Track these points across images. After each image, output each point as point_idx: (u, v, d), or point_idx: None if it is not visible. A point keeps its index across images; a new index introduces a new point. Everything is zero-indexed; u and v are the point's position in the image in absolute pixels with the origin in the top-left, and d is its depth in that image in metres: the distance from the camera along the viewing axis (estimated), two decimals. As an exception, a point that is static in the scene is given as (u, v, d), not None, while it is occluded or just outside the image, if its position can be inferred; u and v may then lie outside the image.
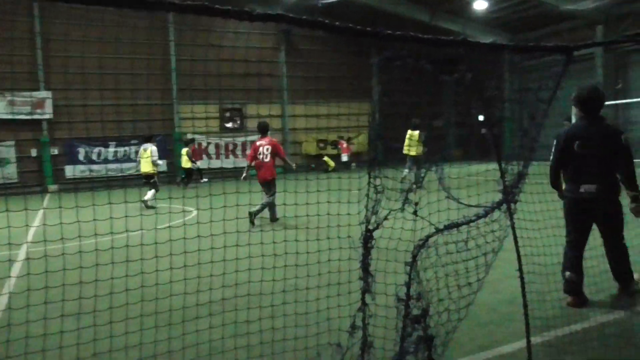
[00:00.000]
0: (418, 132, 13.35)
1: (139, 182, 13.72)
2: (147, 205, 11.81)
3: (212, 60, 21.12)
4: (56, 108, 21.22)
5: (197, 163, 20.16)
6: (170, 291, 3.83)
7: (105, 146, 22.41)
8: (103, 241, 4.13)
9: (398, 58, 2.79)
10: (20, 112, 20.72)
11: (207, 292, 3.92)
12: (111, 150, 22.53)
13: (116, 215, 3.52)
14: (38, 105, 21.21)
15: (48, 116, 21.41)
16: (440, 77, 2.93)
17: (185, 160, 18.60)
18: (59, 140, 21.73)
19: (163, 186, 13.28)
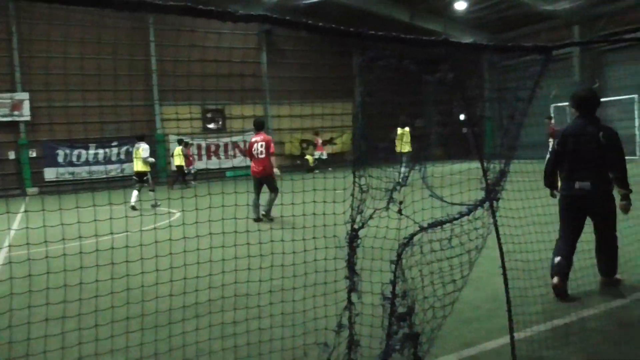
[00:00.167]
0: (408, 129, 13.42)
1: (123, 184, 13.61)
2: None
3: (194, 60, 20.94)
4: (34, 110, 20.89)
5: (192, 167, 20.10)
6: (156, 293, 3.80)
7: (85, 148, 22.13)
8: (87, 244, 4.08)
9: (380, 58, 2.81)
10: (-3, 114, 20.40)
11: (194, 294, 3.90)
12: (92, 152, 22.25)
13: (100, 217, 3.48)
14: (16, 107, 20.86)
15: (26, 118, 21.08)
16: (423, 77, 2.96)
17: (179, 159, 18.47)
18: (37, 142, 21.40)
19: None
